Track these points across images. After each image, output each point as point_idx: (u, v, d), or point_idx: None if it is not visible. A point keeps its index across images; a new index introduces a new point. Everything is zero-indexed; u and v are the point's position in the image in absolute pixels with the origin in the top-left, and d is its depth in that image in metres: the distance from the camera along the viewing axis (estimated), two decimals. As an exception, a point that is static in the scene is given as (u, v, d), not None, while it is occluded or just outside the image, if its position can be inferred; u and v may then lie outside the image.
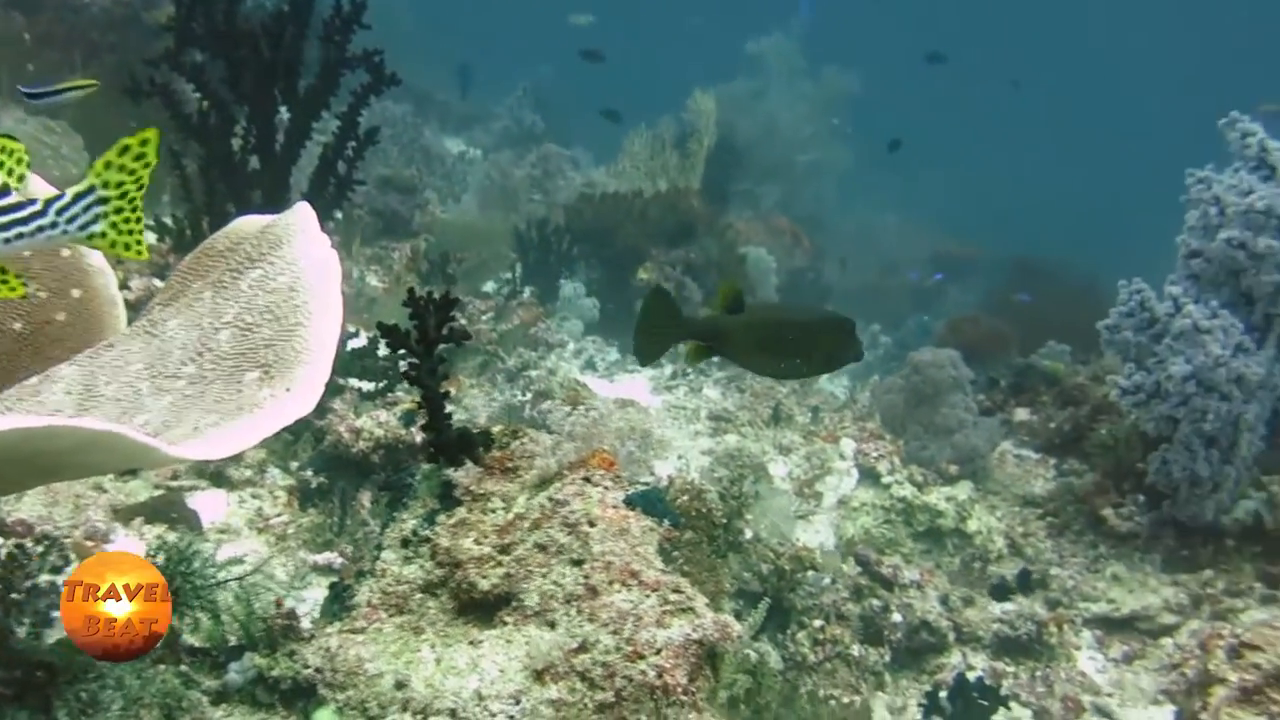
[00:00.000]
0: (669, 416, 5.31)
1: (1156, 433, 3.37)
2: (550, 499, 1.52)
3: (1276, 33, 21.64)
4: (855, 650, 3.15)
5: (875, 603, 3.25)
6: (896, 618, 3.23)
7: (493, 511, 1.60)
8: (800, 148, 10.61)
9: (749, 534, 2.89)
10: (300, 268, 1.25)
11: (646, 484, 2.10)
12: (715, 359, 2.71)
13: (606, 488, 1.50)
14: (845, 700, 2.82)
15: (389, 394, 3.10)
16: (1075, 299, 7.01)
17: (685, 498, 2.25)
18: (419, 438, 2.57)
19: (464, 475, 1.62)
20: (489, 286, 6.18)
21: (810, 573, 3.28)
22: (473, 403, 4.41)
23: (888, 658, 3.24)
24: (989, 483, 4.25)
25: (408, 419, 2.80)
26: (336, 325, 1.18)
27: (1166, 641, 3.46)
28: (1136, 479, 3.74)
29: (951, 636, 3.31)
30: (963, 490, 3.96)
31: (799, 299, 9.00)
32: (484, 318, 5.22)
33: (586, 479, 1.51)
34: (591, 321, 6.10)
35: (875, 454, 4.14)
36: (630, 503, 1.48)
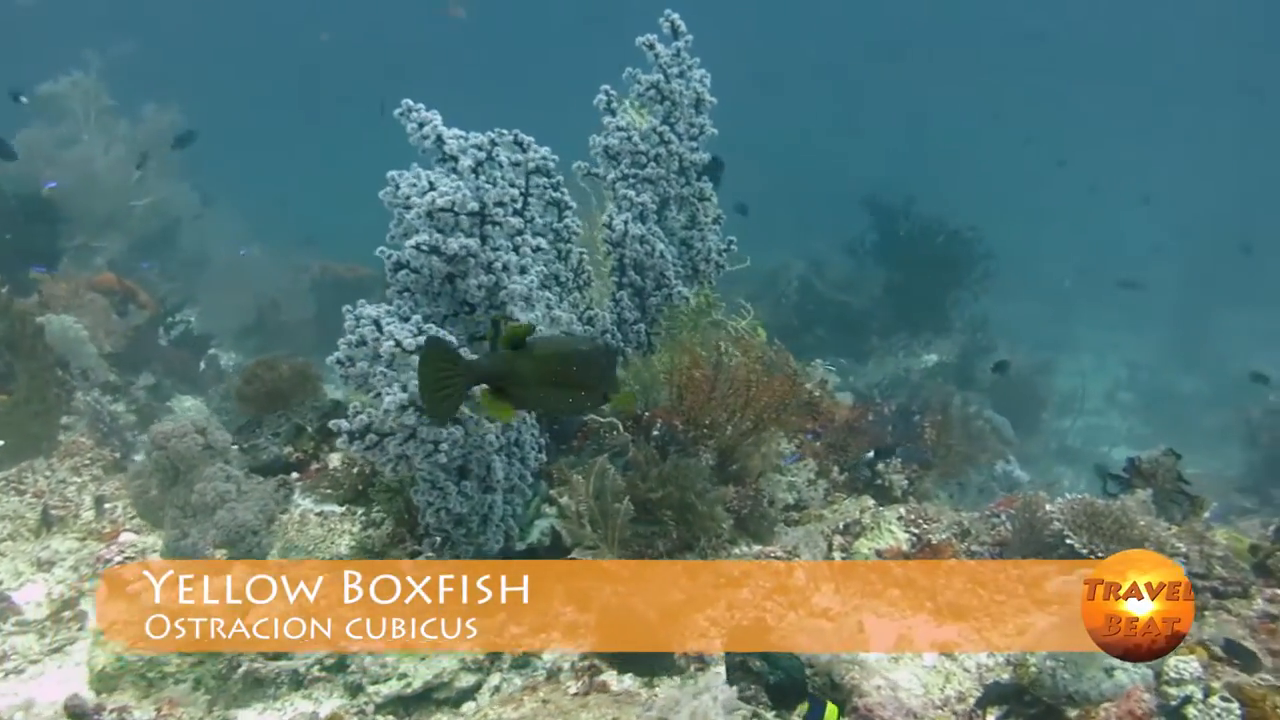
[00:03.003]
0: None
1: (397, 475, 3.06)
2: None
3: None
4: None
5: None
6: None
7: None
8: (134, 191, 9.43)
9: None
10: None
11: None
12: None
13: None
14: None
15: None
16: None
17: None
18: None
19: None
20: None
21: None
22: None
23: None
24: (292, 553, 3.71)
25: None
26: None
27: (468, 707, 3.14)
28: (430, 518, 3.43)
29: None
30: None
31: (146, 357, 7.89)
32: None
33: None
34: None
35: (119, 556, 3.41)
36: None
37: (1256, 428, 9.25)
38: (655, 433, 4.00)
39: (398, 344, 2.87)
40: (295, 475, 4.24)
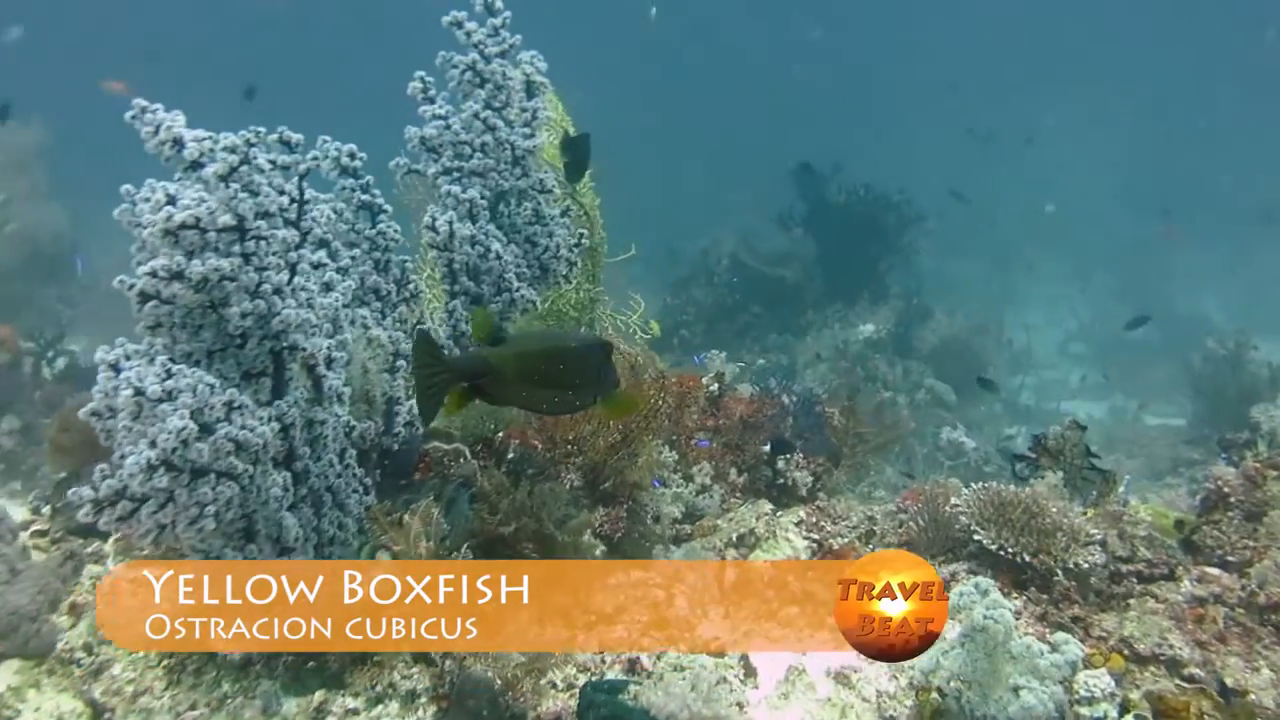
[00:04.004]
0: None
1: (159, 547, 2.59)
2: None
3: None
4: None
5: None
6: None
7: None
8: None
9: None
10: None
11: None
12: None
13: None
14: None
15: None
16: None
17: None
18: None
19: None
20: None
21: None
22: None
23: None
24: (101, 631, 3.23)
25: None
26: None
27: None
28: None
29: None
30: (3, 675, 2.90)
31: (9, 399, 7.30)
32: None
33: None
34: None
35: None
36: None
37: (1198, 375, 8.96)
38: (510, 456, 3.56)
39: (138, 392, 2.40)
40: (116, 536, 3.75)
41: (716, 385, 4.70)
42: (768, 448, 4.06)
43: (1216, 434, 8.04)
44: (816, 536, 3.81)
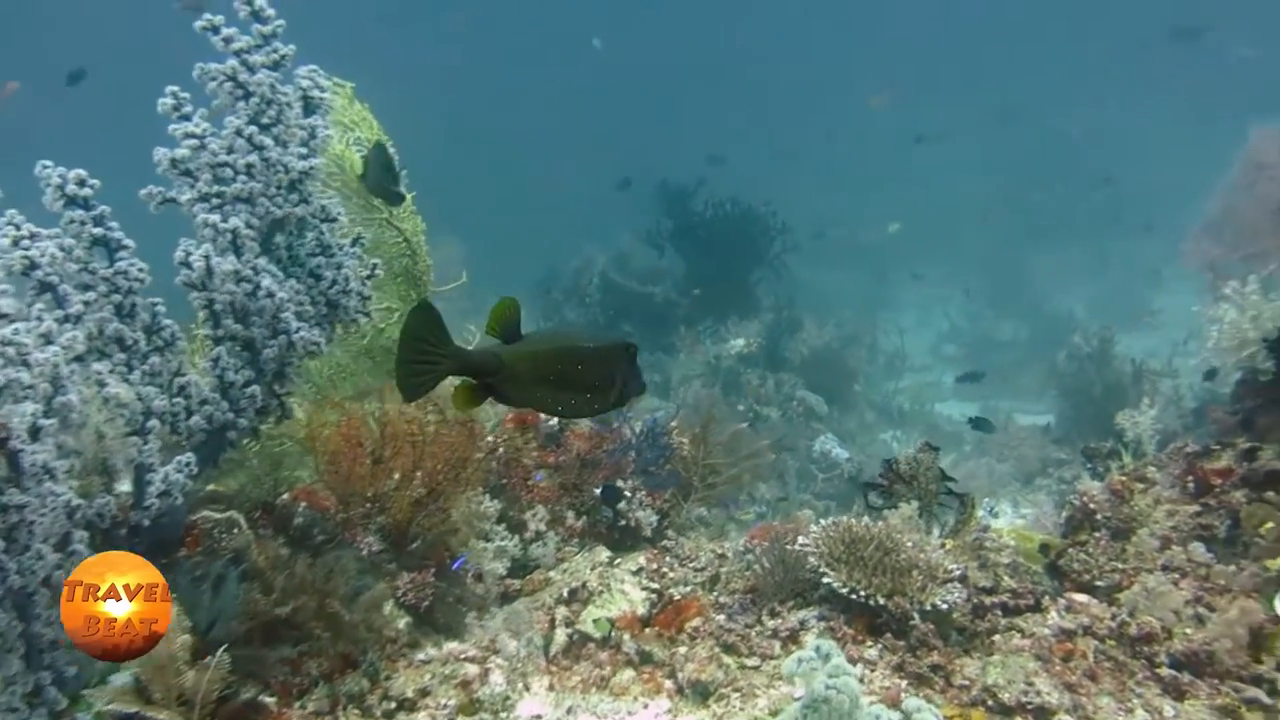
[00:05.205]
0: None
1: None
2: None
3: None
4: None
5: None
6: None
7: None
8: None
9: None
10: None
11: None
12: None
13: None
14: None
15: None
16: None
17: None
18: None
19: None
20: None
21: None
22: None
23: None
24: None
25: None
26: None
27: None
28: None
29: None
30: None
31: None
32: None
33: None
34: None
35: None
36: None
37: (1063, 374, 8.98)
38: (297, 521, 3.08)
39: None
40: None
41: (557, 420, 4.30)
42: (598, 492, 3.68)
43: (1081, 432, 8.05)
44: (657, 586, 3.43)
